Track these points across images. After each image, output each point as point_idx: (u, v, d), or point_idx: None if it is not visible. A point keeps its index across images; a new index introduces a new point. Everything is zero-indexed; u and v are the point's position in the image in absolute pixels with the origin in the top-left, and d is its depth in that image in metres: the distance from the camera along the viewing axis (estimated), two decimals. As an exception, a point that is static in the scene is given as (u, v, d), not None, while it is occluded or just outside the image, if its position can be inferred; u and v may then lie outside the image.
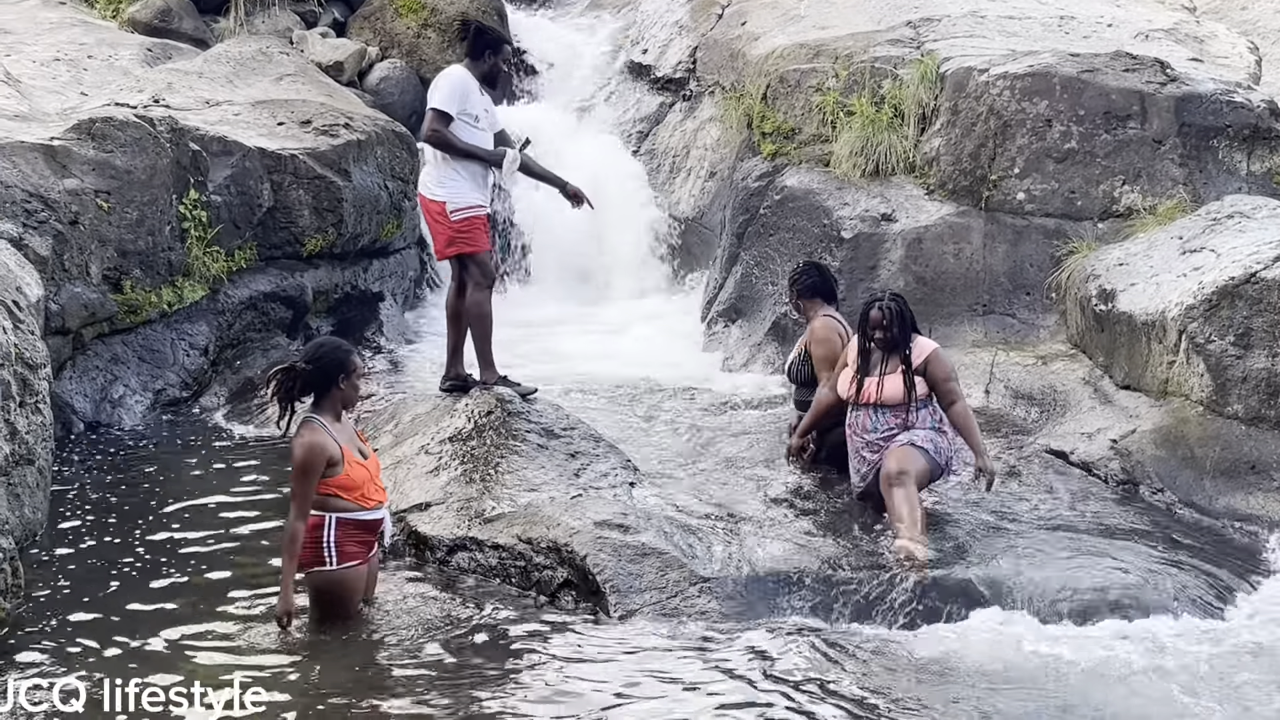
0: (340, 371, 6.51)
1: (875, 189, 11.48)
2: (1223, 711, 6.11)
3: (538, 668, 6.33)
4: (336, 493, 6.35)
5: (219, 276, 10.72)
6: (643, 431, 9.84)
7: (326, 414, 6.47)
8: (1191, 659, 6.60)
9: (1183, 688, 6.30)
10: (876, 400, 7.92)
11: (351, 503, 6.40)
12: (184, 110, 11.50)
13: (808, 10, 13.68)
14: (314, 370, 6.48)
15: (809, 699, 6.05)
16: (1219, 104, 10.99)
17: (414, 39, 15.19)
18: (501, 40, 9.23)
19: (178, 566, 7.41)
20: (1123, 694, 6.26)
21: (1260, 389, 8.47)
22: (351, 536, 6.42)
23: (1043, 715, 6.05)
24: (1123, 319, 9.39)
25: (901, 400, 7.86)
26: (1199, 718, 6.08)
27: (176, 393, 10.28)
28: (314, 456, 6.27)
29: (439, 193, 8.74)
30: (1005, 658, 6.59)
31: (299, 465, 6.27)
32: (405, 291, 12.93)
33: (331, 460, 6.32)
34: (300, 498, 6.28)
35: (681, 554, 7.20)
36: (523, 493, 7.81)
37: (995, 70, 11.27)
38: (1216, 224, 9.64)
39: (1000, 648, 6.67)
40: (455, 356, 9.09)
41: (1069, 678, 6.41)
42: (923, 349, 7.97)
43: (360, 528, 6.46)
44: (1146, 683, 6.36)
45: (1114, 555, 7.54)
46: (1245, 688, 6.34)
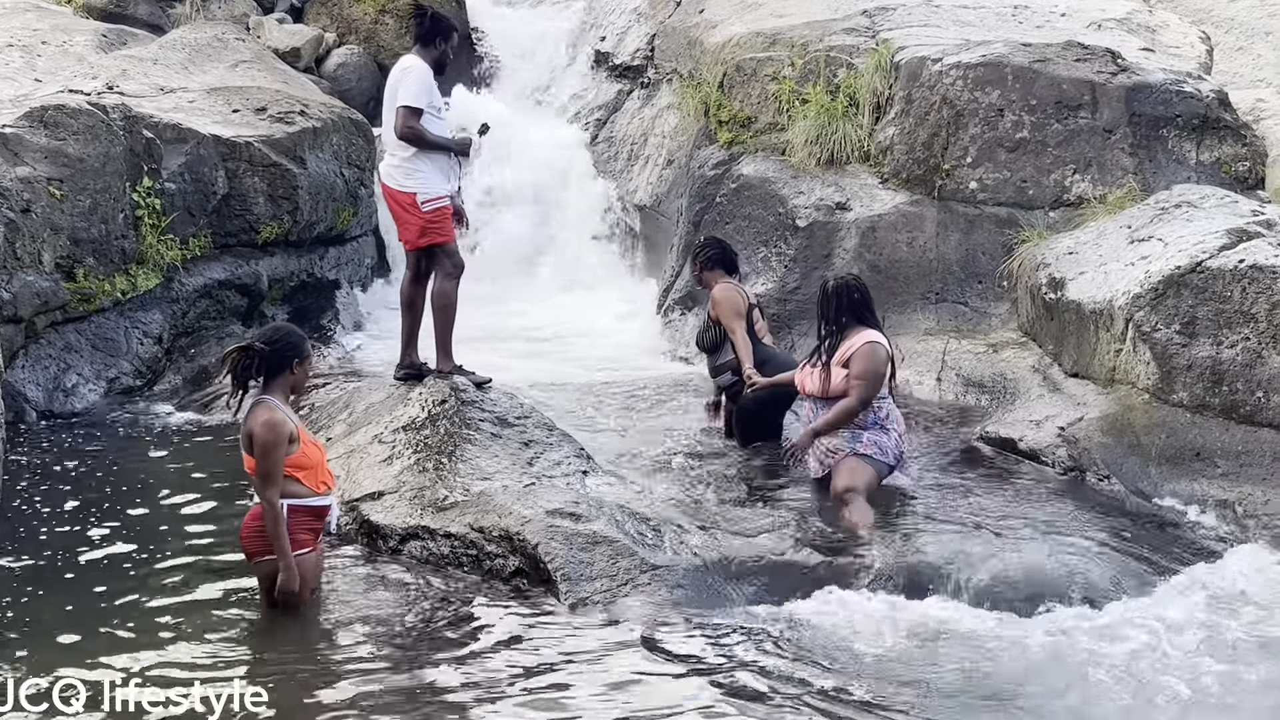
0: (295, 355, 6.57)
1: (830, 178, 11.55)
2: (1169, 695, 6.18)
3: (488, 656, 6.37)
4: (293, 473, 6.38)
5: (173, 264, 10.70)
6: (596, 420, 9.88)
7: (278, 396, 6.51)
8: (1137, 644, 6.67)
9: (1129, 673, 6.37)
10: (805, 391, 8.05)
11: (306, 487, 6.42)
12: (138, 97, 11.46)
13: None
14: (270, 352, 6.51)
15: (758, 683, 6.11)
16: (1169, 94, 11.10)
17: (371, 25, 15.18)
18: (452, 28, 9.21)
19: (133, 553, 7.41)
20: (1070, 680, 6.33)
21: (1205, 377, 8.57)
22: (302, 524, 6.45)
23: (988, 702, 6.11)
24: (1072, 307, 9.49)
25: (822, 393, 7.96)
26: (1146, 702, 6.15)
27: (130, 381, 10.26)
28: (277, 433, 6.32)
29: (408, 184, 8.74)
30: (952, 644, 6.66)
31: (264, 443, 6.31)
32: (361, 279, 12.93)
33: (291, 437, 6.37)
34: (271, 475, 6.32)
35: (632, 542, 7.24)
36: (476, 481, 7.84)
37: (948, 60, 11.35)
38: (1165, 213, 9.74)
39: (947, 634, 6.74)
40: (410, 345, 9.10)
41: (1017, 664, 6.46)
42: (853, 343, 7.97)
43: (311, 514, 6.49)
44: (1093, 669, 6.42)
45: (1061, 542, 7.62)
46: (1192, 671, 6.43)
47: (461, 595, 7.04)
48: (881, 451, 7.95)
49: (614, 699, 5.98)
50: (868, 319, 8.15)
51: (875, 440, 7.94)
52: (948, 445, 9.26)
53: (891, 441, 8.01)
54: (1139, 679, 6.34)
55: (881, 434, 7.97)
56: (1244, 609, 7.15)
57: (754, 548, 7.39)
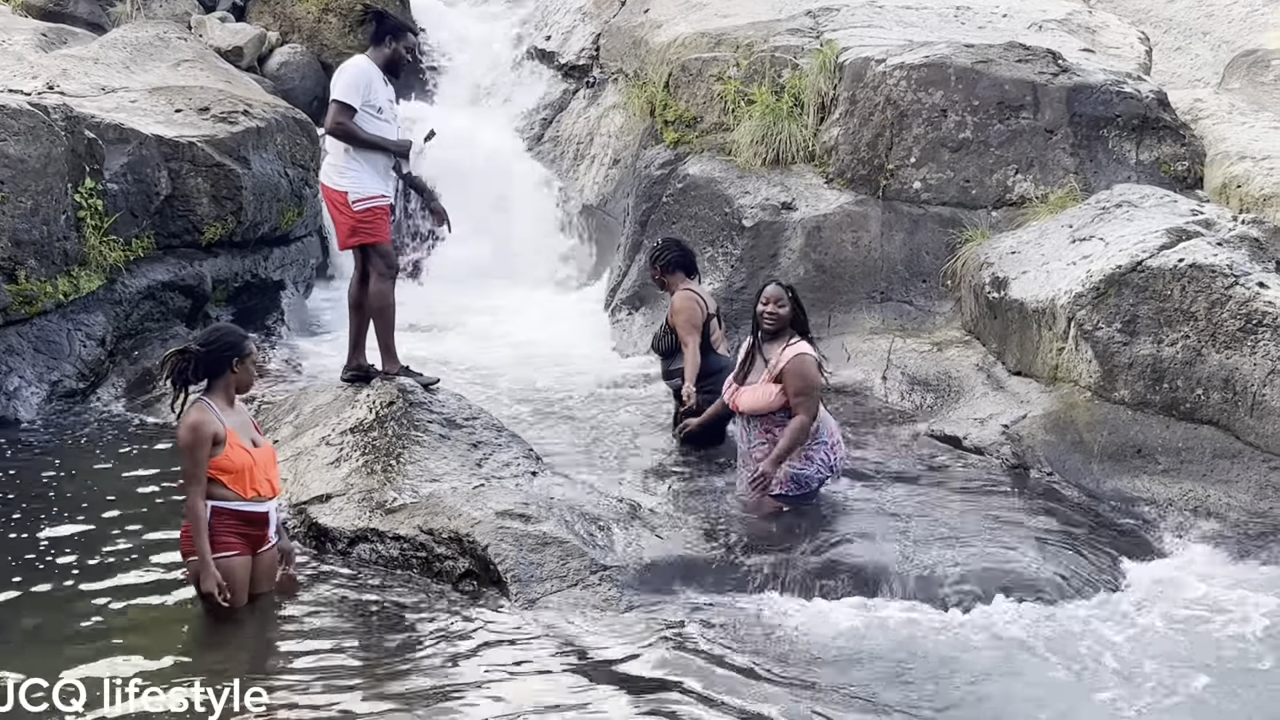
0: (234, 354, 6.53)
1: (776, 178, 11.62)
2: (1106, 690, 6.27)
3: (438, 658, 6.36)
4: (217, 476, 6.35)
5: (116, 266, 10.59)
6: (546, 420, 9.90)
7: (219, 397, 6.48)
8: (1081, 639, 6.76)
9: (1073, 669, 6.46)
10: (740, 410, 8.00)
11: (230, 490, 6.39)
12: (79, 97, 11.33)
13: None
14: (207, 353, 6.49)
15: (707, 683, 6.14)
16: (1109, 94, 11.25)
17: (315, 24, 15.11)
18: (403, 27, 9.05)
19: (79, 558, 7.33)
20: (1015, 676, 6.40)
21: (1145, 375, 8.70)
22: (228, 526, 6.40)
23: (931, 697, 6.18)
24: (1015, 306, 9.59)
25: (761, 409, 7.88)
26: (1083, 698, 6.24)
27: (74, 384, 10.14)
28: (197, 434, 6.30)
29: (341, 182, 8.67)
30: (896, 640, 6.72)
31: (184, 444, 6.33)
32: (306, 280, 12.86)
33: (216, 439, 6.34)
34: (192, 476, 6.31)
35: (582, 542, 7.26)
36: (425, 483, 7.83)
37: (892, 60, 11.44)
38: (1106, 213, 9.87)
39: (892, 631, 6.81)
40: (357, 347, 9.04)
41: (960, 661, 6.53)
42: (783, 357, 7.83)
43: (237, 518, 6.43)
44: (1037, 665, 6.51)
45: (1005, 538, 7.71)
46: (1130, 666, 6.52)
47: (411, 598, 7.02)
48: (802, 485, 7.87)
49: (564, 700, 5.99)
50: (796, 325, 8.00)
51: (794, 476, 7.83)
52: (894, 443, 9.35)
53: (813, 469, 7.90)
54: (1076, 673, 6.42)
55: (804, 463, 7.85)
56: (1182, 603, 7.26)
57: (702, 548, 7.43)
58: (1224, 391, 8.45)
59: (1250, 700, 6.26)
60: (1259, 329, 8.35)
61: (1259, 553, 7.89)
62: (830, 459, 8.00)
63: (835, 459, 8.04)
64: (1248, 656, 6.69)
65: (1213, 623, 7.05)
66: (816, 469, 7.93)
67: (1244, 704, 6.22)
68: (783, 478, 7.82)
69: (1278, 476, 8.23)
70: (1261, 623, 7.01)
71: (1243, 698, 6.27)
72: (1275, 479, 8.22)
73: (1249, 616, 7.09)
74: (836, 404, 9.93)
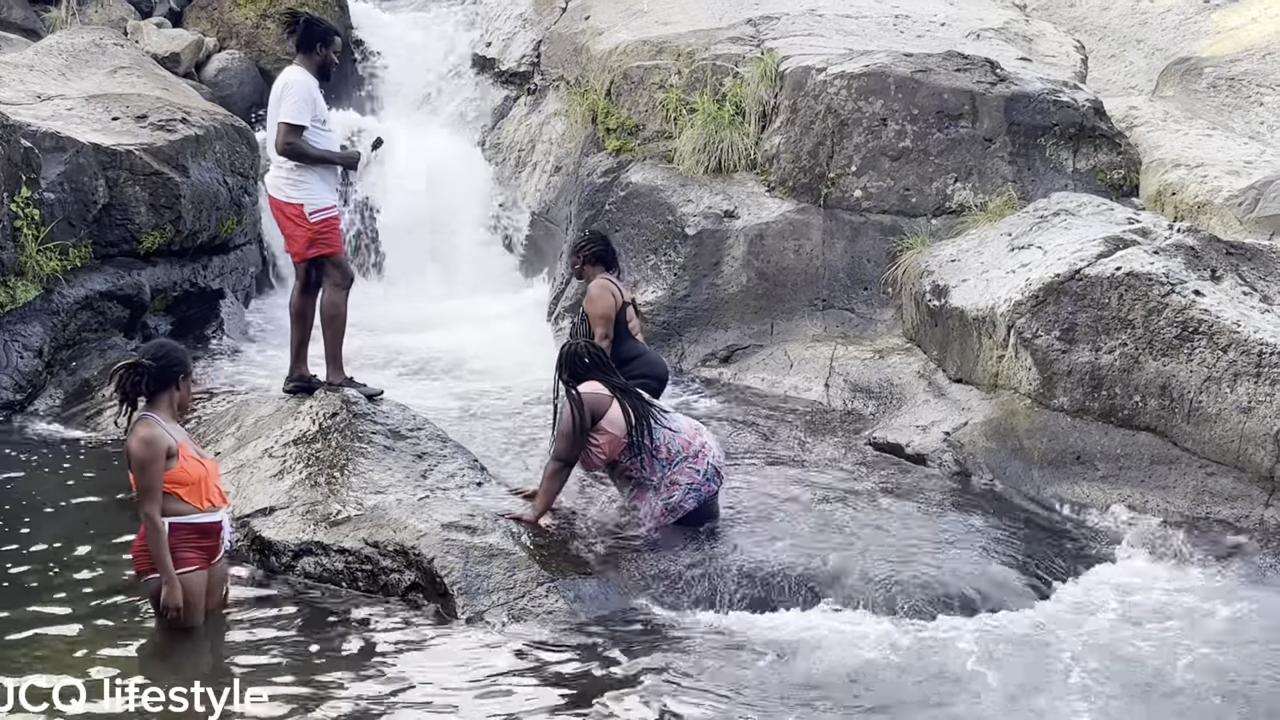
0: (180, 371, 6.54)
1: (718, 186, 11.67)
2: (1058, 698, 6.32)
3: (384, 672, 6.33)
4: (173, 489, 6.31)
5: (53, 276, 10.46)
6: (489, 429, 9.87)
7: (162, 412, 6.45)
8: (1023, 647, 6.81)
9: (1017, 678, 6.49)
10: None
11: (188, 504, 6.35)
12: (14, 105, 11.20)
13: (650, 5, 13.84)
14: (158, 368, 6.45)
15: (654, 694, 6.16)
16: (1046, 103, 11.38)
17: (253, 29, 15.01)
18: (332, 31, 9.00)
19: (15, 572, 7.24)
20: (958, 685, 6.43)
21: (1084, 382, 8.80)
22: (187, 541, 6.37)
23: (878, 708, 6.22)
24: (955, 314, 9.68)
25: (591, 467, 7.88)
26: (1024, 707, 6.29)
27: (10, 396, 10.02)
28: (152, 449, 6.27)
29: (295, 195, 8.60)
30: (840, 650, 6.73)
31: (139, 461, 6.26)
32: (246, 288, 12.77)
33: (170, 452, 6.31)
34: (148, 491, 6.27)
35: (529, 554, 7.25)
36: (369, 495, 7.79)
37: (832, 69, 11.52)
38: (1044, 221, 9.98)
39: (836, 640, 6.82)
40: (299, 357, 8.98)
41: (902, 670, 6.55)
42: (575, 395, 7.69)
43: (196, 532, 6.41)
44: (980, 673, 6.54)
45: (947, 546, 7.75)
46: (1069, 672, 6.59)
47: (357, 612, 6.99)
48: (673, 512, 7.71)
49: (512, 711, 5.99)
50: (594, 376, 7.84)
51: (667, 506, 7.72)
52: (836, 450, 9.38)
53: (684, 487, 7.69)
54: (1019, 683, 6.46)
55: (674, 483, 7.70)
56: (1123, 608, 7.34)
57: (649, 559, 7.43)
58: (1161, 398, 8.56)
59: (1193, 702, 6.33)
60: (1195, 336, 8.47)
61: (1197, 556, 7.99)
62: (697, 471, 7.71)
63: (703, 467, 7.73)
64: (1190, 658, 6.75)
65: (1154, 626, 7.12)
66: (684, 492, 7.69)
67: (1188, 706, 6.30)
68: (657, 512, 7.69)
69: (1214, 482, 8.35)
70: (1202, 624, 7.11)
71: (1187, 700, 6.34)
72: (1211, 484, 8.35)
73: (1190, 619, 7.18)
74: (781, 412, 9.99)
